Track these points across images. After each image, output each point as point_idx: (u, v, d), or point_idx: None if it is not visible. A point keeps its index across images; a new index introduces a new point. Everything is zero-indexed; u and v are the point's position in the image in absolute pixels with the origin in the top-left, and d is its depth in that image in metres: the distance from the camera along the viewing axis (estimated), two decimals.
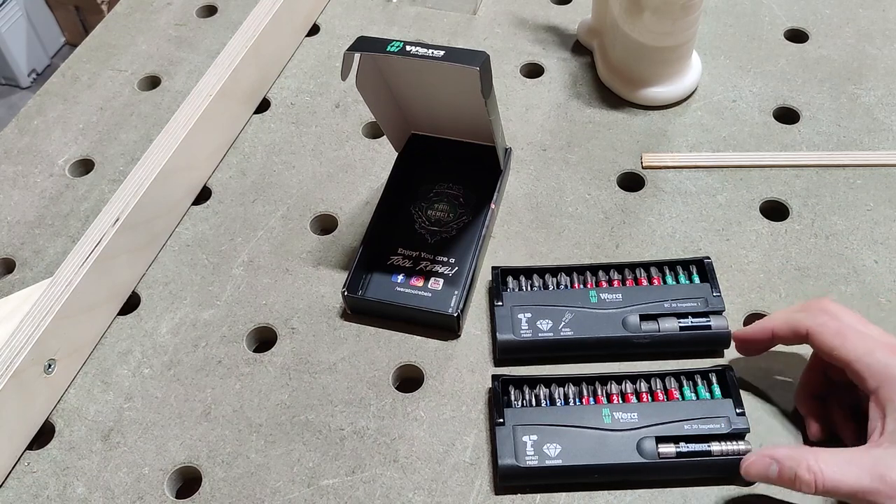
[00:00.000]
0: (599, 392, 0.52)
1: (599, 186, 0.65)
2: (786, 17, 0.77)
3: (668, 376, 0.52)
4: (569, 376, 0.52)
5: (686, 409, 0.50)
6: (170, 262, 0.63)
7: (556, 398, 0.52)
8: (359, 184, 0.67)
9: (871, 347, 0.44)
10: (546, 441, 0.49)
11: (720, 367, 0.52)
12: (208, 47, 0.79)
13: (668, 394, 0.51)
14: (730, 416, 0.49)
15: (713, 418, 0.49)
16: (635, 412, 0.50)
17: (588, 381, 0.52)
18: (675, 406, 0.50)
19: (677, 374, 0.52)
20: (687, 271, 0.57)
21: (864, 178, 0.65)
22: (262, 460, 0.52)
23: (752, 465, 0.45)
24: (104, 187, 0.68)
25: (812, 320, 0.46)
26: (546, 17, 0.79)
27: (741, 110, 0.70)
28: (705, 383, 0.52)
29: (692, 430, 0.49)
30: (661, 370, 0.53)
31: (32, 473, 0.53)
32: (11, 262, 0.64)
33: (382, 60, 0.57)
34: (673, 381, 0.52)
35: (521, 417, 0.50)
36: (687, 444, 0.49)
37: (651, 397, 0.51)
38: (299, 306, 0.60)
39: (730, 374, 0.51)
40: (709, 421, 0.49)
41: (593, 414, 0.50)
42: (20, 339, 0.53)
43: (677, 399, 0.51)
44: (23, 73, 2.02)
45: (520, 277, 0.58)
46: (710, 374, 0.52)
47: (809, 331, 0.46)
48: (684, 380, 0.52)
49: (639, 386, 0.52)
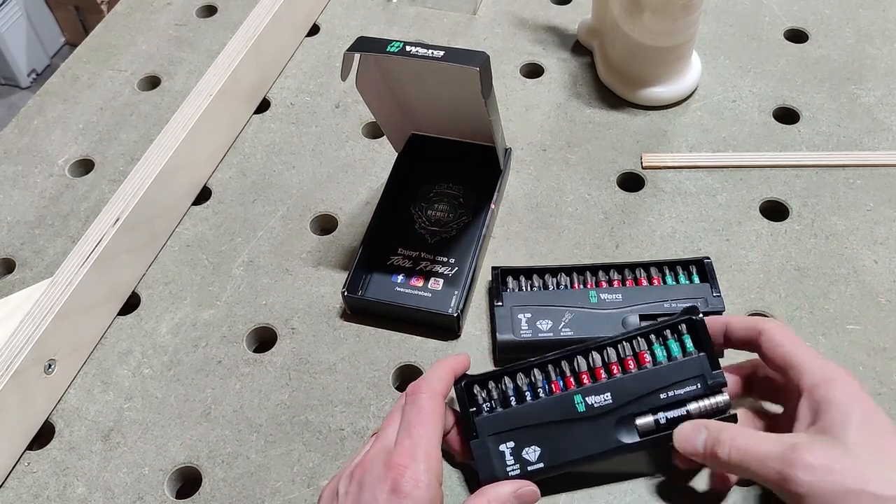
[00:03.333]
0: (568, 373, 0.49)
1: (599, 186, 0.65)
2: (786, 17, 0.77)
3: (638, 338, 0.49)
4: (530, 364, 0.49)
5: (659, 376, 0.48)
6: (170, 262, 0.63)
7: (525, 392, 0.49)
8: (359, 184, 0.67)
9: (814, 354, 0.45)
10: (524, 446, 0.48)
11: (689, 318, 0.49)
12: (208, 47, 0.79)
13: (639, 358, 0.48)
14: (705, 373, 0.47)
15: (689, 380, 0.47)
16: (608, 392, 0.48)
17: (554, 364, 0.49)
18: (647, 375, 0.48)
19: (646, 334, 0.49)
20: (687, 271, 0.57)
21: (863, 178, 0.65)
22: (262, 460, 0.53)
23: (683, 431, 0.45)
24: (104, 187, 0.68)
25: (768, 322, 0.47)
26: (546, 17, 0.79)
27: (741, 110, 0.70)
28: (675, 337, 0.49)
29: (668, 398, 0.47)
30: (629, 332, 0.49)
31: (32, 473, 0.53)
32: (11, 262, 0.64)
33: (382, 60, 0.57)
34: (642, 342, 0.49)
35: (493, 425, 0.48)
36: (665, 413, 0.47)
37: (622, 367, 0.48)
38: (299, 306, 0.60)
39: (700, 324, 0.48)
40: (684, 384, 0.47)
41: (565, 405, 0.48)
42: (20, 339, 0.53)
43: (648, 365, 0.48)
44: (23, 73, 2.02)
45: (520, 277, 0.58)
46: (679, 326, 0.49)
47: (764, 329, 0.46)
48: (654, 338, 0.49)
49: (607, 356, 0.49)
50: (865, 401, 0.42)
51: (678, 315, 0.49)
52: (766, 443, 0.42)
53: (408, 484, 0.42)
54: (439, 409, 0.46)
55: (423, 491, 0.42)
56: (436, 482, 0.43)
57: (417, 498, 0.42)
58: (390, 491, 0.42)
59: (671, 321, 0.49)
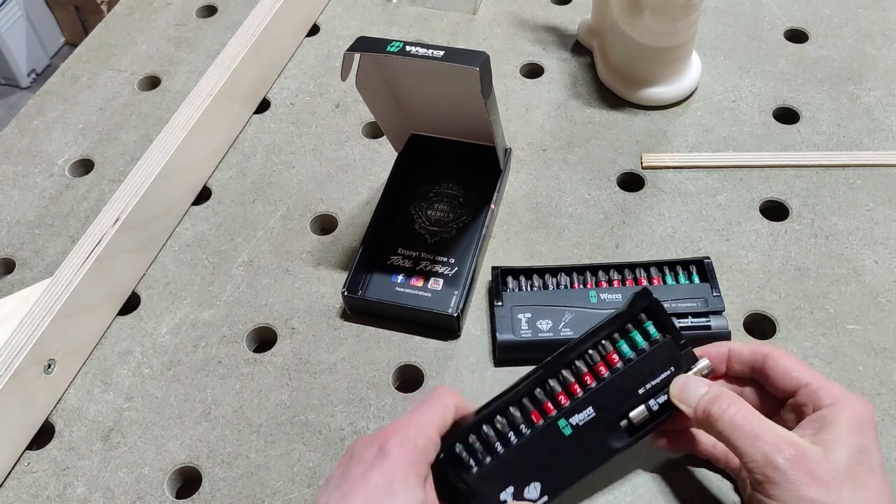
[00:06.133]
0: (545, 399, 0.47)
1: (599, 186, 0.65)
2: (786, 17, 0.77)
3: (602, 342, 0.47)
4: (504, 403, 0.46)
5: (633, 374, 0.47)
6: (170, 262, 0.63)
7: (508, 434, 0.46)
8: (359, 184, 0.67)
9: (823, 375, 0.45)
10: (524, 486, 0.45)
11: (647, 304, 0.47)
12: (208, 47, 0.79)
13: (608, 361, 0.47)
14: (675, 356, 0.47)
15: (662, 367, 0.46)
16: (589, 406, 0.46)
17: (528, 396, 0.47)
18: (622, 377, 0.46)
19: (609, 335, 0.47)
20: (687, 271, 0.57)
21: (863, 178, 0.65)
22: (262, 460, 0.53)
23: (681, 382, 0.45)
24: (104, 187, 0.68)
25: (771, 346, 0.47)
26: (546, 17, 0.79)
27: (741, 110, 0.70)
28: (637, 327, 0.47)
29: (648, 389, 0.46)
30: (592, 332, 0.47)
31: (32, 473, 0.53)
32: (11, 262, 0.64)
33: (382, 60, 0.57)
34: (608, 344, 0.47)
35: (489, 479, 0.45)
36: (655, 399, 0.46)
37: (595, 375, 0.47)
38: (299, 306, 0.60)
39: (658, 306, 0.47)
40: (659, 373, 0.46)
41: (552, 434, 0.46)
42: (20, 339, 0.53)
43: (620, 364, 0.47)
44: (23, 73, 2.02)
45: (520, 277, 0.58)
46: (638, 315, 0.47)
47: (770, 353, 0.46)
48: (617, 335, 0.47)
49: (576, 370, 0.47)
50: (867, 434, 0.42)
51: (631, 304, 0.47)
52: (766, 426, 0.42)
53: (394, 444, 0.41)
54: (444, 402, 0.45)
55: (410, 452, 0.41)
56: (423, 455, 0.42)
57: (402, 457, 0.41)
58: (377, 450, 0.41)
59: (628, 312, 0.47)
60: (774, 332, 0.56)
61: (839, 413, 0.42)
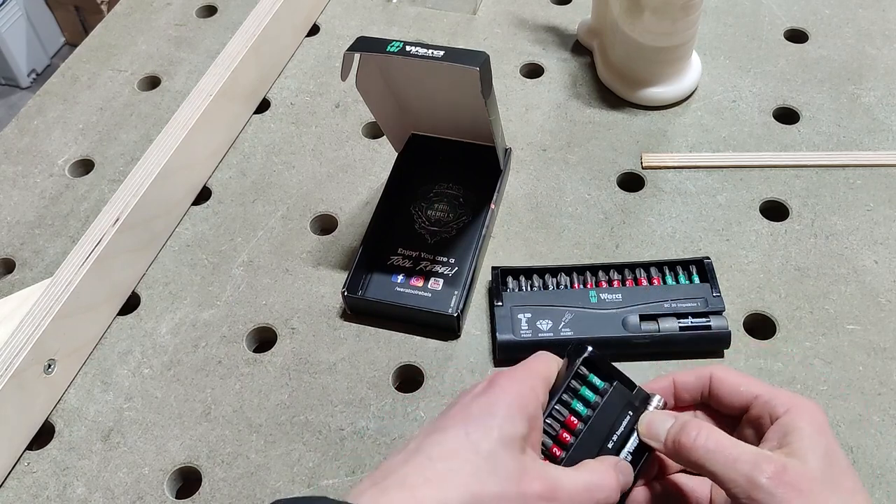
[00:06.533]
0: None
1: (599, 186, 0.65)
2: (786, 17, 0.77)
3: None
4: None
5: (594, 425, 0.45)
6: (170, 262, 0.63)
7: None
8: (359, 184, 0.67)
9: (770, 385, 0.44)
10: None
11: (584, 358, 0.45)
12: (208, 47, 0.79)
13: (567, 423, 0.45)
14: (630, 398, 0.45)
15: (621, 413, 0.45)
16: None
17: None
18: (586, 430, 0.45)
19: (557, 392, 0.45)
20: (687, 271, 0.57)
21: (864, 178, 0.65)
22: (262, 460, 0.53)
23: (647, 418, 0.44)
24: (104, 187, 0.68)
25: (713, 365, 0.46)
26: (546, 17, 0.79)
27: (741, 110, 0.70)
28: (583, 383, 0.45)
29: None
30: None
31: (32, 473, 0.53)
32: (11, 262, 0.64)
33: (382, 60, 0.57)
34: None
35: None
36: None
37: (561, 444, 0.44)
38: (299, 306, 0.60)
39: (597, 357, 0.45)
40: (620, 420, 0.45)
41: None
42: (20, 339, 0.53)
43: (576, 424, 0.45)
44: (23, 73, 2.02)
45: (520, 277, 0.58)
46: (579, 370, 0.45)
47: (714, 373, 0.45)
48: (572, 392, 0.45)
49: None
50: (828, 434, 0.42)
51: (568, 363, 0.45)
52: (740, 447, 0.41)
53: (504, 377, 0.42)
54: (549, 366, 0.45)
55: (518, 385, 0.42)
56: (532, 394, 0.42)
57: (510, 387, 0.41)
58: (486, 383, 0.42)
59: (569, 371, 0.45)
60: (774, 332, 0.56)
61: (798, 419, 0.42)
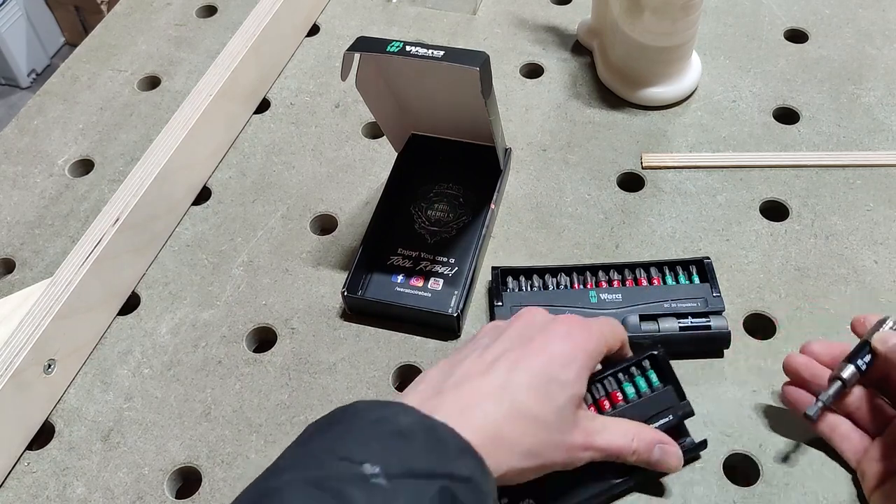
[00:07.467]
0: None
1: (599, 186, 0.65)
2: (786, 17, 0.77)
3: (608, 378, 0.50)
4: None
5: None
6: (170, 262, 0.63)
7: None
8: (359, 184, 0.67)
9: None
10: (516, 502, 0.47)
11: (651, 354, 0.50)
12: (208, 47, 0.79)
13: (612, 398, 0.49)
14: (674, 404, 0.49)
15: (661, 412, 0.49)
16: None
17: None
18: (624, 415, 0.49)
19: (615, 373, 0.50)
20: (687, 271, 0.57)
21: (863, 178, 0.65)
22: (262, 460, 0.52)
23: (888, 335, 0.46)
24: (104, 187, 0.68)
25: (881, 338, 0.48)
26: (546, 17, 0.79)
27: (741, 110, 0.70)
28: (641, 373, 0.50)
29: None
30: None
31: (32, 473, 0.53)
32: (11, 262, 0.64)
33: (382, 60, 0.57)
34: (613, 382, 0.50)
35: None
36: None
37: (598, 409, 0.49)
38: (299, 306, 0.60)
39: (662, 359, 0.50)
40: (658, 417, 0.49)
41: None
42: (20, 339, 0.53)
43: (621, 403, 0.49)
44: (23, 73, 2.02)
45: (520, 277, 0.58)
46: (642, 362, 0.50)
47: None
48: (622, 377, 0.50)
49: None
50: None
51: (640, 348, 0.50)
52: None
53: (581, 334, 0.44)
54: (617, 337, 0.48)
55: (595, 344, 0.45)
56: (596, 348, 0.45)
57: (589, 347, 0.44)
58: (561, 326, 0.44)
59: (633, 361, 0.50)
60: (774, 332, 0.56)
61: None
